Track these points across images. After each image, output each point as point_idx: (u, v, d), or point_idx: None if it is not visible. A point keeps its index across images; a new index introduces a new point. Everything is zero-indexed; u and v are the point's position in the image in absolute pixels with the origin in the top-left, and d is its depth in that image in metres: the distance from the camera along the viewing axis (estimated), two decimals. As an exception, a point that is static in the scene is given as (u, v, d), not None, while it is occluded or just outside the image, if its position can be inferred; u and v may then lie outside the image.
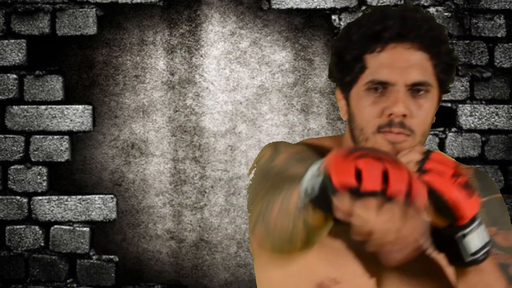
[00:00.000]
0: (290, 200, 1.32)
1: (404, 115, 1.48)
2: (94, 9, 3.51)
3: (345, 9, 3.52)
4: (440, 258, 1.54)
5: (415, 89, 1.51)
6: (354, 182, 1.13)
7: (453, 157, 3.54)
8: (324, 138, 1.67)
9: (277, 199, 1.39)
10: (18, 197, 3.53)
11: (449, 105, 3.55)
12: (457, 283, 1.48)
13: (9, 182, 3.53)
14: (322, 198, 1.20)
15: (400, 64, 1.50)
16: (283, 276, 1.59)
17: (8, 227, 3.53)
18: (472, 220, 1.40)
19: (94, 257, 3.54)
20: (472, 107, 3.55)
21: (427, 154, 1.41)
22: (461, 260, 1.43)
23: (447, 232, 1.42)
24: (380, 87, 1.51)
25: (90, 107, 3.53)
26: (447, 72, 1.54)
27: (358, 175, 1.13)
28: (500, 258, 1.54)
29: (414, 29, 1.50)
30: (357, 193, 1.12)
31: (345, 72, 1.54)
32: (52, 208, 3.53)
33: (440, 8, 3.53)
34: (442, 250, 1.46)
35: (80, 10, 3.51)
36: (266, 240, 1.44)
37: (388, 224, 1.11)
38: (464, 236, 1.41)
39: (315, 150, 1.62)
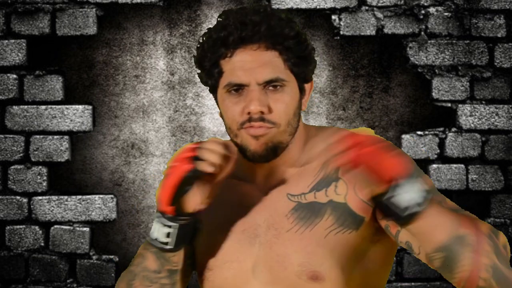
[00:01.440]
0: (148, 270, 1.68)
1: (262, 112, 1.62)
2: (94, 9, 3.51)
3: (345, 9, 3.52)
4: (315, 231, 1.65)
5: (269, 85, 1.63)
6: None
7: (453, 157, 3.54)
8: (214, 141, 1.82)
9: (135, 280, 1.69)
10: (18, 197, 3.53)
11: (449, 105, 3.55)
12: (411, 241, 1.58)
13: (9, 182, 3.53)
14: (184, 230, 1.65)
15: (250, 65, 1.62)
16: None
17: (8, 227, 3.53)
18: (390, 181, 1.53)
19: (94, 257, 3.54)
20: (472, 107, 3.55)
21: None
22: (399, 217, 1.55)
23: (378, 200, 1.56)
24: (238, 88, 1.64)
25: (90, 107, 3.53)
26: (300, 64, 1.65)
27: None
28: (436, 199, 1.62)
29: (255, 32, 1.62)
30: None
31: (207, 78, 1.68)
32: (52, 208, 3.53)
33: (440, 8, 3.53)
34: (388, 216, 1.58)
35: (80, 10, 3.51)
36: None
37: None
38: (389, 199, 1.54)
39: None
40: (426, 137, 3.53)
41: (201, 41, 1.68)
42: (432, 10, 3.53)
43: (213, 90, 1.70)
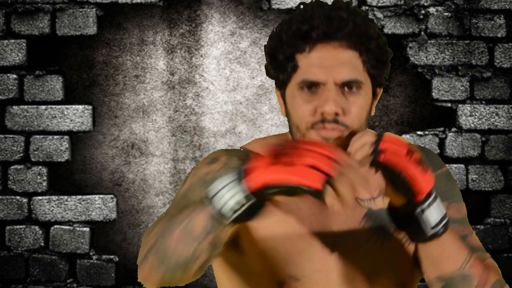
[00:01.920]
0: (195, 224, 1.40)
1: (336, 114, 1.53)
2: (94, 9, 3.51)
3: (345, 9, 3.52)
4: (395, 243, 1.61)
5: (346, 86, 1.54)
6: (323, 177, 1.32)
7: (453, 157, 3.54)
8: (268, 138, 1.72)
9: (175, 228, 1.43)
10: (18, 197, 3.53)
11: (449, 105, 3.55)
12: (422, 259, 1.54)
13: (9, 182, 3.53)
14: (249, 209, 1.37)
15: (329, 63, 1.53)
16: (244, 278, 1.62)
17: (8, 227, 3.53)
18: (429, 194, 1.46)
19: (94, 257, 3.54)
20: (472, 107, 3.55)
21: (380, 135, 1.50)
22: (423, 235, 1.48)
23: (406, 209, 1.47)
24: (312, 86, 1.54)
25: (90, 107, 3.53)
26: (379, 67, 1.57)
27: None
28: (456, 230, 1.59)
29: (340, 28, 1.53)
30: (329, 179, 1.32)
31: (278, 71, 1.57)
32: (52, 208, 3.53)
33: (440, 8, 3.53)
34: (403, 228, 1.51)
35: (80, 10, 3.51)
36: (158, 270, 1.46)
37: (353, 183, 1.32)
38: (423, 211, 1.46)
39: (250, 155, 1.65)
40: (426, 137, 3.53)
41: (277, 30, 1.58)
42: (432, 10, 3.53)
43: (282, 85, 1.60)
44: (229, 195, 1.38)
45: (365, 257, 1.59)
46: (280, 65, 1.57)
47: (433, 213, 1.47)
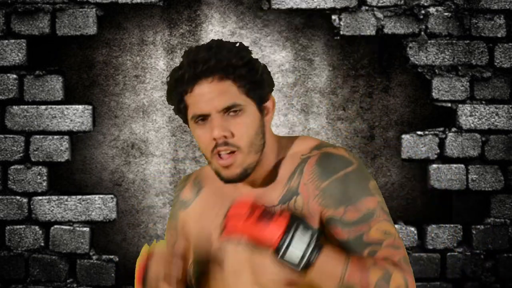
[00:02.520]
0: None
1: (225, 136, 1.78)
2: (94, 9, 3.51)
3: (345, 9, 3.52)
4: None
5: (230, 112, 1.79)
6: None
7: (453, 157, 3.54)
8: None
9: None
10: (18, 197, 3.53)
11: (449, 105, 3.55)
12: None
13: (9, 182, 3.52)
14: None
15: (208, 96, 1.79)
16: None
17: (8, 227, 3.53)
18: (283, 240, 1.69)
19: (94, 257, 3.53)
20: (472, 107, 3.55)
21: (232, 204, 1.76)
22: (297, 269, 1.71)
23: (275, 258, 1.71)
24: (202, 118, 1.81)
25: (90, 107, 3.53)
26: (254, 88, 1.81)
27: None
28: (353, 233, 1.78)
29: (205, 67, 1.78)
30: None
31: (178, 112, 1.87)
32: (52, 208, 3.53)
33: (440, 8, 3.53)
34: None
35: (80, 10, 3.51)
36: None
37: None
38: (283, 256, 1.69)
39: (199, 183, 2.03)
40: (426, 137, 3.53)
41: (168, 79, 1.86)
42: (432, 10, 3.53)
43: (185, 121, 1.87)
44: None
45: (260, 256, 1.79)
46: (176, 108, 1.85)
47: (295, 251, 1.69)
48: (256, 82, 1.81)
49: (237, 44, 1.82)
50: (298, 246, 1.69)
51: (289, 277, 1.78)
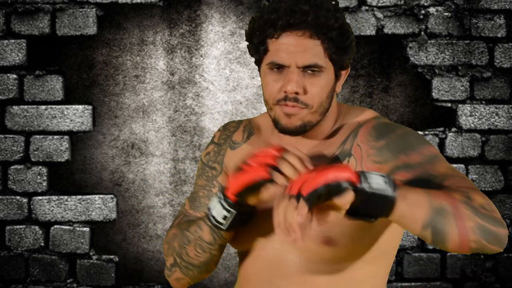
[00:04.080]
0: (203, 238, 1.84)
1: (297, 93, 1.77)
2: (94, 9, 3.51)
3: (345, 9, 3.52)
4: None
5: (308, 70, 1.78)
6: (269, 169, 1.69)
7: (453, 157, 3.54)
8: (266, 113, 1.94)
9: (190, 243, 1.87)
10: (18, 197, 3.53)
11: (449, 105, 3.55)
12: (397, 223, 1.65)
13: (9, 182, 3.52)
14: (241, 216, 1.77)
15: (293, 49, 1.77)
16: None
17: (8, 227, 3.53)
18: (361, 174, 1.59)
19: (94, 257, 3.53)
20: (472, 107, 3.55)
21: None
22: (390, 201, 1.59)
23: (356, 201, 1.58)
24: (278, 67, 1.79)
25: (90, 107, 3.53)
26: (339, 53, 1.80)
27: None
28: (420, 171, 1.72)
29: (301, 20, 1.76)
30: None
31: (254, 52, 1.84)
32: (52, 208, 3.53)
33: (440, 8, 3.53)
34: (370, 216, 1.62)
35: (80, 10, 3.51)
36: (184, 278, 1.92)
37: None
38: (370, 184, 1.58)
39: (252, 127, 1.99)
40: (426, 137, 3.53)
41: (253, 18, 1.83)
42: (432, 10, 3.53)
43: (258, 64, 1.85)
44: (218, 212, 1.78)
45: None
46: (254, 47, 1.83)
47: (376, 180, 1.59)
48: (342, 48, 1.80)
49: (334, 3, 1.80)
50: (377, 177, 1.60)
51: (327, 234, 1.77)
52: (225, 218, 1.78)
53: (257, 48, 1.82)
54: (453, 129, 3.55)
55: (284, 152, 1.67)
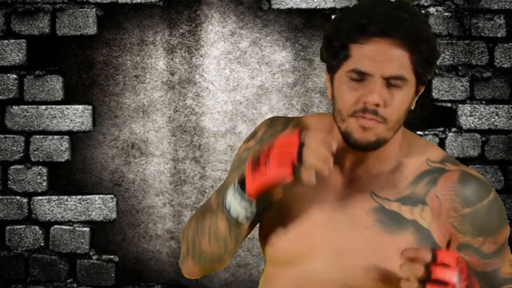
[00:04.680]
0: (219, 230, 1.71)
1: (377, 105, 1.62)
2: (94, 9, 3.51)
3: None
4: (395, 241, 1.68)
5: (392, 81, 1.64)
6: (291, 164, 1.56)
7: (453, 157, 3.54)
8: (318, 115, 1.84)
9: (205, 234, 1.75)
10: (18, 197, 3.53)
11: (449, 105, 3.55)
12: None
13: (9, 182, 3.52)
14: (259, 205, 1.66)
15: (380, 58, 1.62)
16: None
17: (8, 227, 3.53)
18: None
19: (94, 257, 3.53)
20: (472, 107, 3.55)
21: (433, 255, 1.52)
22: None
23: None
24: (360, 75, 1.63)
25: (90, 107, 3.53)
26: (426, 67, 1.69)
27: None
28: (489, 265, 1.69)
29: (397, 28, 1.62)
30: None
31: (331, 56, 1.67)
32: (52, 208, 3.53)
33: (440, 8, 3.53)
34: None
35: (80, 10, 3.51)
36: (197, 267, 1.80)
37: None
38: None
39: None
40: (426, 137, 3.53)
41: (337, 18, 1.68)
42: (432, 10, 3.53)
43: (332, 70, 1.69)
44: (236, 205, 1.66)
45: (358, 240, 1.67)
46: (334, 51, 1.66)
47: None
48: (429, 62, 1.69)
49: (424, 16, 1.70)
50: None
51: (387, 273, 1.66)
52: (243, 213, 1.67)
53: (337, 52, 1.66)
54: (453, 129, 3.55)
55: (306, 147, 1.56)
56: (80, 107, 3.53)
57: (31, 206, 3.53)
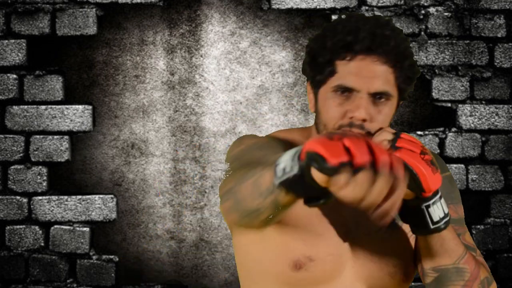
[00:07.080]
0: (263, 180, 1.46)
1: (364, 120, 1.68)
2: (94, 9, 3.51)
3: (345, 9, 3.52)
4: (402, 234, 1.76)
5: (377, 97, 1.70)
6: (347, 158, 1.24)
7: (453, 157, 3.54)
8: (292, 130, 1.85)
9: (249, 177, 1.53)
10: (18, 197, 3.53)
11: (449, 105, 3.55)
12: (421, 250, 1.69)
13: (9, 182, 3.53)
14: (299, 181, 1.33)
15: (366, 74, 1.67)
16: (261, 251, 1.75)
17: (8, 227, 3.53)
18: (436, 193, 1.61)
19: (94, 257, 3.54)
20: (472, 107, 3.55)
21: (397, 134, 1.66)
22: (426, 228, 1.63)
23: (413, 203, 1.61)
24: (346, 91, 1.69)
25: (90, 107, 3.53)
26: (407, 83, 1.74)
27: (347, 152, 1.25)
28: (454, 229, 1.73)
29: (382, 45, 1.68)
30: (349, 167, 1.23)
31: (316, 72, 1.72)
32: (52, 208, 3.53)
33: (440, 8, 3.53)
34: (406, 220, 1.65)
35: (80, 10, 3.51)
36: (234, 212, 1.61)
37: (377, 191, 1.23)
38: (428, 207, 1.61)
39: (282, 142, 1.81)
40: (426, 137, 3.53)
41: (321, 34, 1.73)
42: (432, 10, 3.53)
43: (317, 85, 1.74)
44: (285, 164, 1.38)
45: (375, 245, 1.72)
46: (319, 67, 1.71)
47: (437, 210, 1.61)
48: (411, 78, 1.73)
49: (402, 32, 1.74)
50: (440, 208, 1.62)
51: (405, 270, 1.72)
52: (285, 170, 1.37)
53: (323, 68, 1.70)
54: (453, 129, 3.55)
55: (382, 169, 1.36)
56: (80, 107, 3.53)
57: (31, 206, 3.53)
